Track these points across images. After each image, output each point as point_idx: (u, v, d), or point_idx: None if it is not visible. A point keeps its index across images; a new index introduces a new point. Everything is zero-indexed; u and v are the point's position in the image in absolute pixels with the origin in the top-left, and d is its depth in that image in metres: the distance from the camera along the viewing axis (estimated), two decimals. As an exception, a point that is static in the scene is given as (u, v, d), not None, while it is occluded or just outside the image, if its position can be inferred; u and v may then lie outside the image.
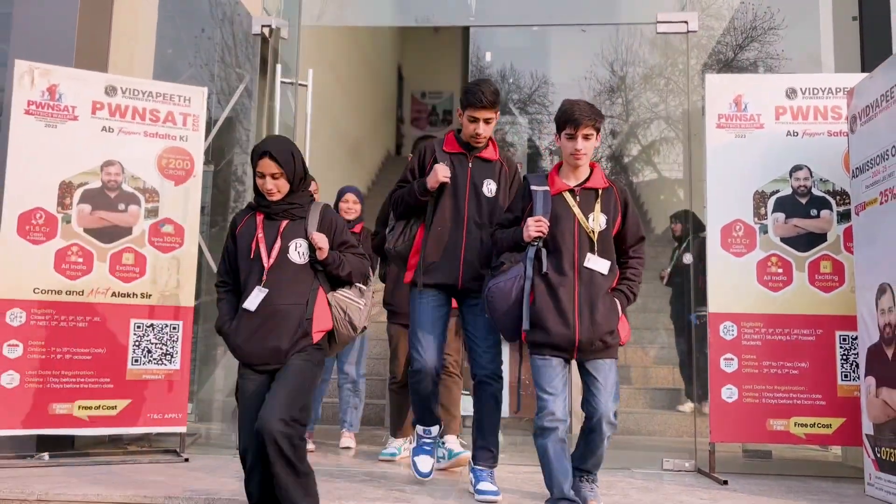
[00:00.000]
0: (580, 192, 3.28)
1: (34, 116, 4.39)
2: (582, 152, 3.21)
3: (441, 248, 3.57)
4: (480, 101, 3.50)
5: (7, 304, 4.25)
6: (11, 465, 4.14)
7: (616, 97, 11.33)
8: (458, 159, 3.64)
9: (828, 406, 4.27)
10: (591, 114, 3.18)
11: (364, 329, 3.18)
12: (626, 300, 3.30)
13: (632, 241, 3.34)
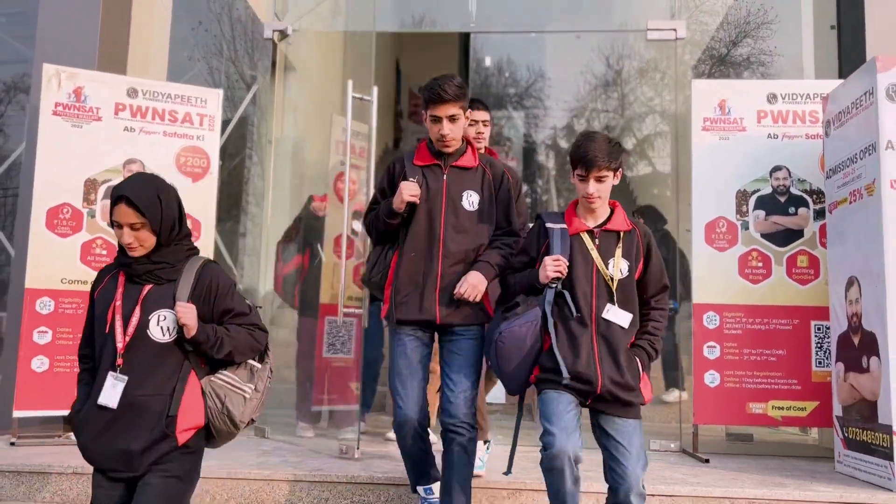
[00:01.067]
0: (600, 234, 2.92)
1: (61, 117, 4.67)
2: (595, 196, 2.85)
3: (414, 277, 3.10)
4: (440, 95, 3.03)
5: (37, 293, 4.54)
6: (41, 442, 4.44)
7: (611, 91, 11.55)
8: (431, 171, 3.17)
9: (803, 390, 4.59)
10: (606, 153, 2.81)
11: (252, 422, 2.54)
12: (648, 357, 2.94)
13: (654, 289, 2.99)
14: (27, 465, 3.75)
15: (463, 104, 3.10)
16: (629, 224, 2.96)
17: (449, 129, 3.08)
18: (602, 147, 2.82)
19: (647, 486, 3.55)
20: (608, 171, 2.84)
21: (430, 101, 3.07)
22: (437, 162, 3.18)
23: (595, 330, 2.85)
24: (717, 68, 8.35)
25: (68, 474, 3.72)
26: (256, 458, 4.12)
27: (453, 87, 3.03)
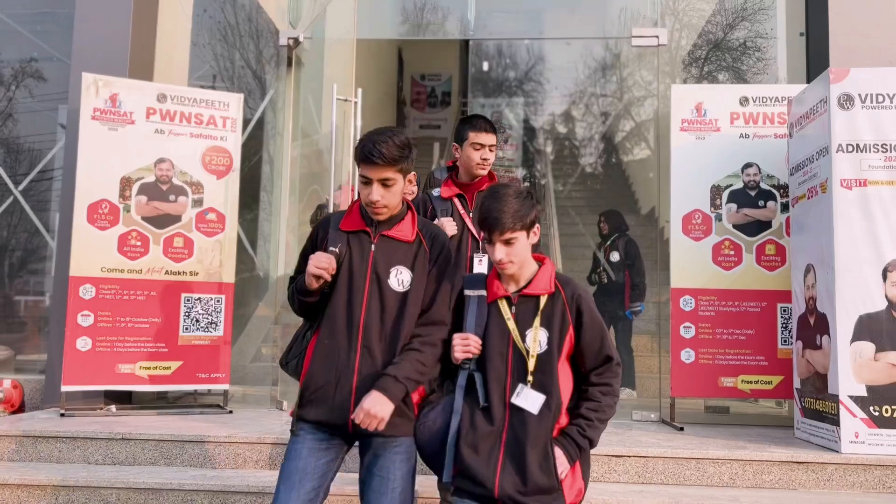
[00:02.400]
0: (518, 299, 2.54)
1: (99, 121, 5.16)
2: (505, 261, 2.48)
3: (327, 369, 2.53)
4: (370, 158, 2.47)
5: (80, 280, 5.05)
6: (85, 414, 4.96)
7: (611, 74, 11.89)
8: (357, 240, 2.61)
9: (769, 366, 5.10)
10: (512, 213, 2.44)
11: None
12: (577, 449, 2.48)
13: (593, 362, 2.54)
14: (81, 432, 4.28)
15: (403, 167, 2.52)
16: (552, 286, 2.54)
17: (380, 194, 2.50)
18: (508, 206, 2.44)
19: (626, 449, 4.08)
20: (517, 233, 2.46)
21: (361, 160, 2.50)
22: (366, 229, 2.61)
23: (507, 420, 2.45)
24: (715, 52, 8.73)
25: (117, 440, 4.24)
26: (280, 426, 4.64)
27: (391, 147, 2.45)
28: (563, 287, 2.57)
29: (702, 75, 7.74)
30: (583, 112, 12.98)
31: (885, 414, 4.06)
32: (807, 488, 3.96)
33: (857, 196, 4.20)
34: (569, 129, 13.53)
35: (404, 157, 2.52)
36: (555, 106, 13.20)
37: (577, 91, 12.50)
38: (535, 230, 2.55)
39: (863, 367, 4.12)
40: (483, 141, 3.56)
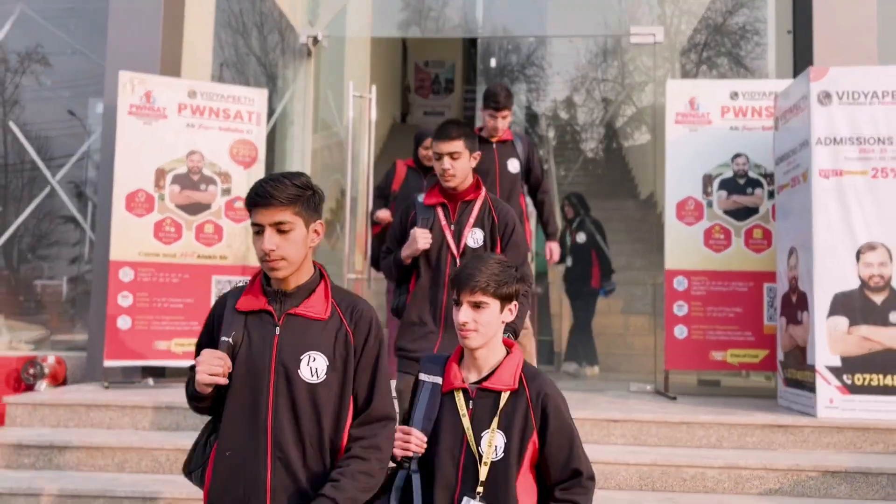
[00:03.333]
0: (476, 393, 2.17)
1: (135, 116, 5.56)
2: (469, 328, 2.14)
3: (233, 488, 2.03)
4: (257, 197, 2.00)
5: (119, 264, 5.47)
6: (125, 387, 5.40)
7: (612, 59, 12.18)
8: (257, 322, 2.09)
9: (756, 341, 5.53)
10: (489, 276, 2.15)
11: None
12: None
13: (558, 475, 2.15)
14: (129, 401, 4.71)
15: (302, 210, 2.03)
16: (516, 380, 2.16)
17: (274, 242, 1.99)
18: (488, 267, 2.16)
19: (623, 415, 4.51)
20: (489, 298, 2.14)
21: (249, 204, 2.05)
22: (268, 308, 2.08)
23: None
24: (714, 36, 9.03)
25: (162, 408, 4.68)
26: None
27: (286, 186, 2.00)
28: (529, 383, 2.17)
29: (700, 60, 8.11)
30: (584, 97, 13.32)
31: (856, 382, 4.49)
32: (785, 448, 4.40)
33: (834, 185, 4.61)
34: (571, 115, 13.88)
35: (303, 197, 2.01)
36: (557, 92, 13.53)
37: (580, 76, 12.78)
38: (512, 308, 2.22)
39: (837, 340, 4.55)
40: (440, 149, 3.16)
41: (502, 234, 3.21)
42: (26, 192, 6.79)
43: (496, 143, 4.52)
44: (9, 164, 6.80)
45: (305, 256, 2.07)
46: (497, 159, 4.45)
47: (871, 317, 4.52)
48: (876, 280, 4.54)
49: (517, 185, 4.52)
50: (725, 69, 7.80)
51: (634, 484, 4.10)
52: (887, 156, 4.58)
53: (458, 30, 7.58)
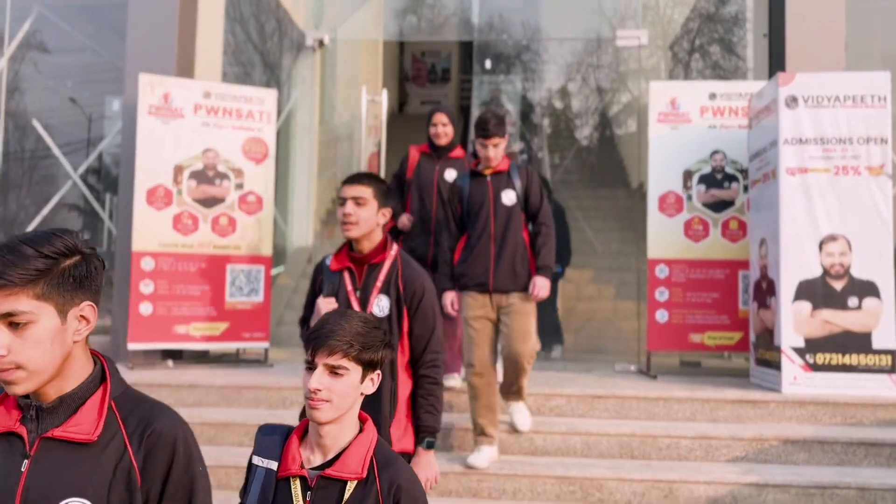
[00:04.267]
0: (318, 481, 1.80)
1: (154, 116, 5.96)
2: (321, 398, 1.78)
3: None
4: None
5: (141, 254, 5.89)
6: (147, 368, 5.83)
7: (607, 46, 12.53)
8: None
9: (731, 324, 5.97)
10: (352, 336, 1.81)
11: None
12: None
13: None
14: (155, 381, 5.16)
15: (42, 290, 1.38)
16: (365, 467, 1.81)
17: (3, 344, 1.38)
18: (351, 325, 1.82)
19: (606, 391, 4.96)
20: (350, 363, 1.81)
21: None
22: (15, 430, 1.46)
23: None
24: (707, 24, 9.39)
25: (185, 387, 5.12)
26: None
27: (25, 262, 1.36)
28: (381, 471, 1.81)
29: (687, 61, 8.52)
30: (579, 85, 13.67)
31: (818, 361, 4.94)
32: (753, 421, 4.85)
33: (799, 182, 5.05)
34: (565, 104, 14.26)
35: (53, 272, 1.38)
36: (552, 81, 13.88)
37: (574, 62, 13.10)
38: (374, 378, 1.87)
39: (801, 323, 5.00)
40: (345, 193, 2.81)
41: (409, 302, 2.77)
42: (48, 186, 7.19)
43: (490, 176, 4.33)
44: (36, 158, 7.20)
45: (67, 357, 1.43)
46: (491, 192, 4.27)
47: (832, 302, 4.96)
48: (836, 268, 4.98)
49: (515, 218, 4.28)
50: (707, 68, 8.21)
51: (615, 452, 4.55)
52: (848, 155, 5.02)
53: (454, 31, 7.97)
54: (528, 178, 4.33)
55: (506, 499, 4.23)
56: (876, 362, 4.90)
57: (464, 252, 4.34)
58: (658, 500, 4.17)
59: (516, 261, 4.23)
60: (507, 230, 4.25)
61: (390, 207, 2.89)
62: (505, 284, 4.22)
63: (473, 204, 4.29)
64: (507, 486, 4.24)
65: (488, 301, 4.26)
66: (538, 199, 4.35)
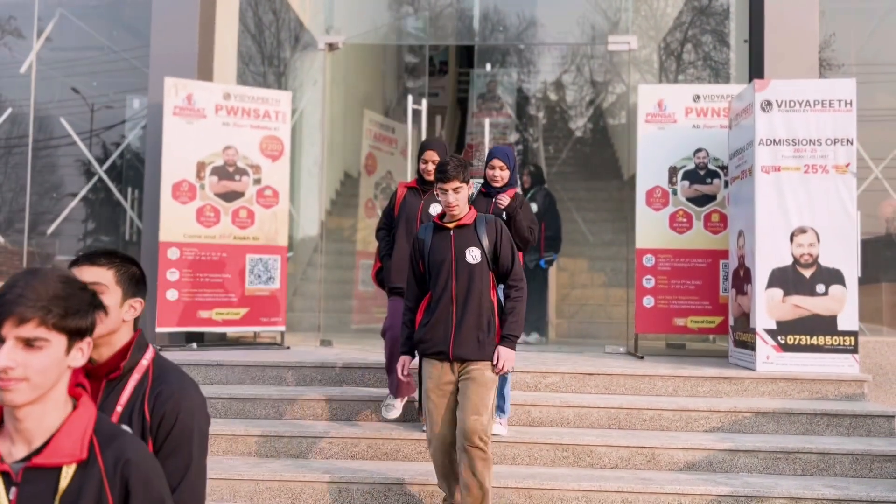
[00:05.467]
0: (24, 475, 1.53)
1: (178, 117, 6.42)
2: (15, 374, 1.48)
3: None
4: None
5: (168, 245, 6.36)
6: (173, 350, 6.31)
7: (600, 41, 12.90)
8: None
9: (712, 309, 6.48)
10: (30, 300, 1.47)
11: None
12: None
13: None
14: (184, 360, 5.63)
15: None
16: (84, 447, 1.55)
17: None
18: (49, 289, 1.51)
19: (597, 369, 5.46)
20: (50, 333, 1.51)
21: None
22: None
23: None
24: (700, 16, 9.78)
25: (213, 366, 5.61)
26: (333, 356, 5.99)
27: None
28: (104, 449, 1.57)
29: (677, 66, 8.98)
30: (572, 82, 14.10)
31: (788, 342, 5.45)
32: (729, 396, 5.36)
33: (773, 179, 5.54)
34: (560, 97, 14.71)
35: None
36: (547, 74, 14.30)
37: (568, 64, 13.55)
38: (84, 347, 1.58)
39: (774, 307, 5.50)
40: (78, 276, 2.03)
41: (156, 433, 1.98)
42: (75, 180, 7.64)
43: (454, 229, 3.83)
44: (58, 154, 7.65)
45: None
46: (453, 248, 3.79)
47: (801, 288, 5.47)
48: (806, 258, 5.48)
49: (479, 278, 3.78)
50: (693, 70, 8.68)
51: (604, 423, 5.06)
52: (817, 154, 5.51)
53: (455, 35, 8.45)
54: (497, 233, 3.83)
55: (506, 463, 4.74)
56: (840, 342, 5.42)
57: (425, 314, 3.89)
58: (642, 464, 4.69)
59: (480, 327, 3.77)
60: (470, 292, 3.76)
61: (141, 298, 2.10)
62: (466, 353, 3.75)
63: (434, 261, 3.83)
64: (507, 452, 4.75)
65: (448, 370, 3.81)
66: (509, 256, 3.86)
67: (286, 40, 8.13)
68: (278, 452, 4.82)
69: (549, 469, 4.67)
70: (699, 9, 8.40)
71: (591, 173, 12.35)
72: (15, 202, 7.64)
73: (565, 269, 9.63)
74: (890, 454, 4.62)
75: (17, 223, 7.61)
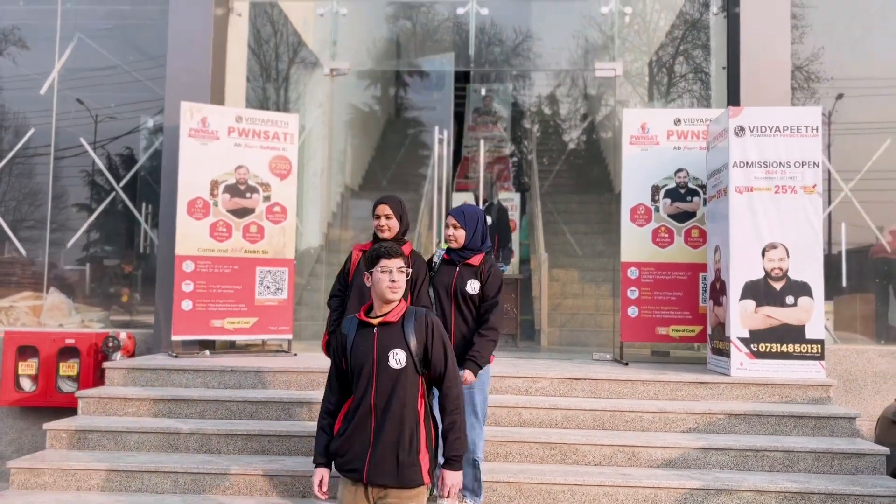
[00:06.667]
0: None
1: (193, 138, 6.86)
2: None
3: None
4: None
5: (183, 258, 6.79)
6: (188, 356, 6.73)
7: (592, 57, 13.37)
8: None
9: (692, 319, 6.93)
10: None
11: None
12: None
13: None
14: (201, 366, 6.06)
15: None
16: None
17: None
18: None
19: (583, 374, 5.89)
20: None
21: None
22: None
23: None
24: (697, 28, 10.21)
25: (227, 371, 6.03)
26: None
27: None
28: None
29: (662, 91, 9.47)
30: (568, 89, 14.53)
31: (760, 350, 5.90)
32: (705, 399, 5.80)
33: (746, 199, 5.99)
34: (553, 110, 15.19)
35: None
36: (542, 88, 14.78)
37: (567, 60, 13.95)
38: None
39: (747, 317, 5.95)
40: None
41: None
42: (91, 195, 8.07)
43: (378, 326, 3.25)
44: (77, 170, 8.09)
45: None
46: (375, 350, 3.20)
47: (772, 300, 5.92)
48: (776, 271, 5.93)
49: (405, 386, 3.18)
50: (675, 94, 9.16)
51: (590, 424, 5.50)
52: (786, 176, 5.97)
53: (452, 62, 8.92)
54: (428, 334, 3.27)
55: (499, 461, 5.17)
56: (808, 350, 5.86)
57: (343, 421, 3.29)
58: (623, 461, 5.13)
59: (402, 444, 3.15)
60: (392, 402, 3.16)
61: None
62: (382, 478, 3.14)
63: (355, 363, 3.24)
64: (499, 451, 5.18)
65: (363, 496, 3.19)
66: (442, 359, 3.28)
67: (291, 63, 8.59)
68: (289, 450, 5.25)
69: (539, 465, 5.10)
70: (682, 37, 8.89)
71: (583, 186, 12.79)
72: (36, 215, 8.07)
73: (557, 279, 10.07)
74: (849, 452, 5.07)
75: (38, 235, 8.04)
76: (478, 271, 4.40)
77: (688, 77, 8.96)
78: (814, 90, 7.79)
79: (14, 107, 8.22)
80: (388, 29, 8.77)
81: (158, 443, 5.30)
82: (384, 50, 8.59)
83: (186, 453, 5.28)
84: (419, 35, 8.73)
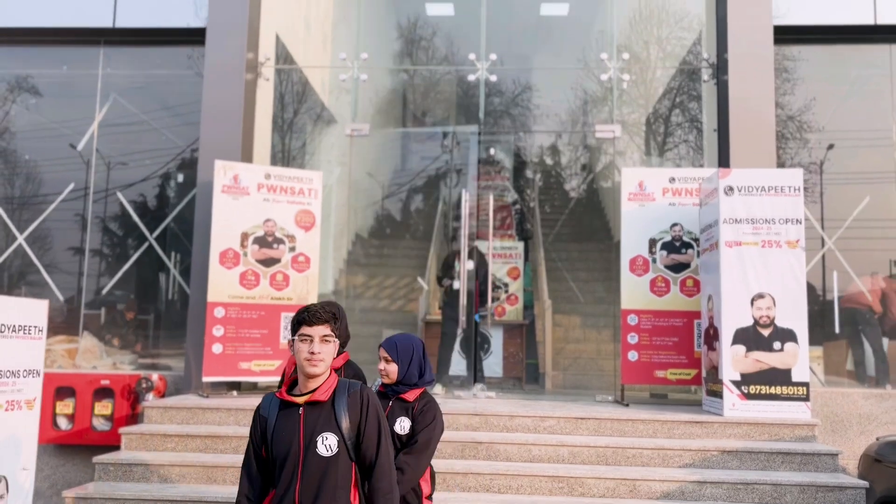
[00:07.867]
0: None
1: (226, 194, 7.44)
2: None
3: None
4: None
5: (214, 304, 7.31)
6: (217, 397, 7.20)
7: (591, 108, 13.94)
8: None
9: (688, 363, 7.43)
10: None
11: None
12: None
13: None
14: (233, 405, 6.53)
15: None
16: None
17: None
18: None
19: (588, 414, 6.37)
20: None
21: None
22: None
23: None
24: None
25: (248, 410, 6.49)
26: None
27: None
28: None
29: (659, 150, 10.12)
30: (569, 137, 15.17)
31: (751, 391, 6.39)
32: (701, 437, 6.28)
33: (736, 252, 6.55)
34: (555, 160, 15.83)
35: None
36: (543, 139, 15.43)
37: (568, 120, 14.57)
38: None
39: (738, 361, 6.45)
40: None
41: None
42: (128, 246, 8.64)
43: (304, 406, 2.89)
44: (115, 226, 8.66)
45: None
46: (302, 433, 2.86)
47: (761, 345, 6.43)
48: (764, 319, 6.46)
49: (336, 474, 2.83)
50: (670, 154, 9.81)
51: (594, 460, 5.96)
52: (772, 232, 6.53)
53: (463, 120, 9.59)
54: (362, 411, 2.90)
55: (511, 493, 5.63)
56: (794, 392, 6.36)
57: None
58: (625, 493, 5.59)
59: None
60: (321, 496, 2.81)
61: None
62: None
63: (278, 450, 2.87)
64: (511, 484, 5.64)
65: None
66: (374, 444, 2.90)
67: (313, 123, 9.24)
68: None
69: (548, 497, 5.56)
70: (676, 101, 9.57)
71: (584, 235, 13.35)
72: (71, 261, 8.62)
73: (560, 324, 10.57)
74: (832, 485, 5.53)
75: (72, 281, 8.58)
76: (410, 408, 3.62)
77: (684, 131, 9.59)
78: (806, 140, 8.39)
79: (52, 161, 8.83)
80: (401, 91, 9.45)
81: (198, 475, 5.76)
82: (397, 111, 9.25)
83: (224, 485, 5.73)
84: (431, 97, 9.41)
